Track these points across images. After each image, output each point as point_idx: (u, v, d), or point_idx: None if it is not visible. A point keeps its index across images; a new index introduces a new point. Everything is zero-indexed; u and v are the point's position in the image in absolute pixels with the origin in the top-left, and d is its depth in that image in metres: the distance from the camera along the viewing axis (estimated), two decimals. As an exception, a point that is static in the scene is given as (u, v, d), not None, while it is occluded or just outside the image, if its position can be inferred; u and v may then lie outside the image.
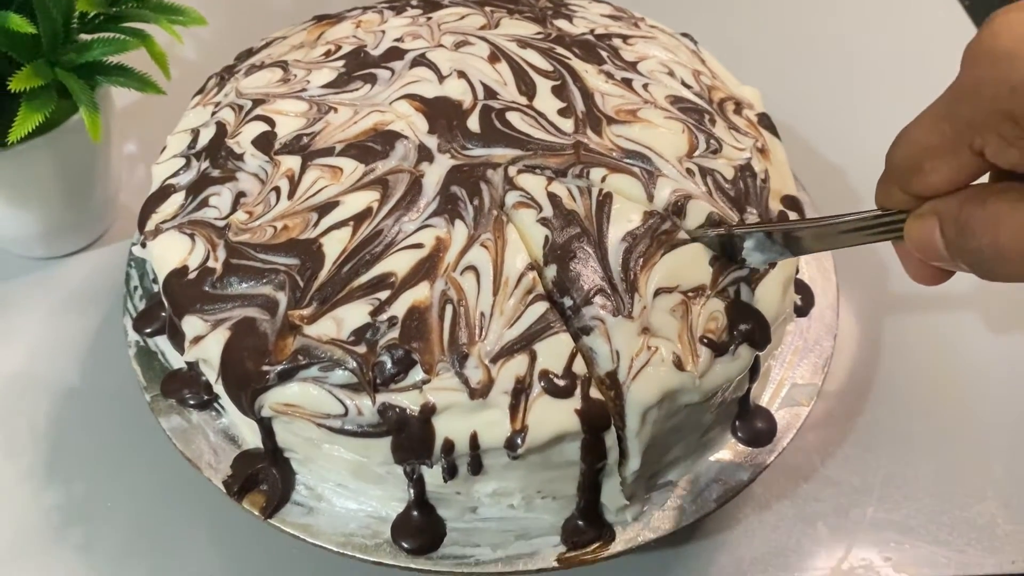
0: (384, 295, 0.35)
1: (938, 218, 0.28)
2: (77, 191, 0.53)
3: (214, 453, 0.40)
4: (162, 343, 0.43)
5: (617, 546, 0.38)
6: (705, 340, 0.36)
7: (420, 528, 0.38)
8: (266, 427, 0.37)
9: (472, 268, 0.36)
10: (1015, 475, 0.47)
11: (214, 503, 0.44)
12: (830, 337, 0.45)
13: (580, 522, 0.38)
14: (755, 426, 0.41)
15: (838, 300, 0.46)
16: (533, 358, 0.34)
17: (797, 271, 0.45)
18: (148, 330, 0.43)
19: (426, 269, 0.36)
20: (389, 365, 0.34)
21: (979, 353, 0.52)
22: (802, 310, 0.45)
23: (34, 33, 0.43)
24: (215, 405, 0.41)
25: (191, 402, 0.41)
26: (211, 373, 0.37)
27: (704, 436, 0.40)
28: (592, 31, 0.47)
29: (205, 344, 0.36)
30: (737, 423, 0.41)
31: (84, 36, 0.47)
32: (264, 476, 0.39)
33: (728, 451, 0.41)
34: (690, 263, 0.38)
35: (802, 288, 0.46)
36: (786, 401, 0.42)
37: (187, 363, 0.41)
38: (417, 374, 0.34)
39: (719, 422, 0.41)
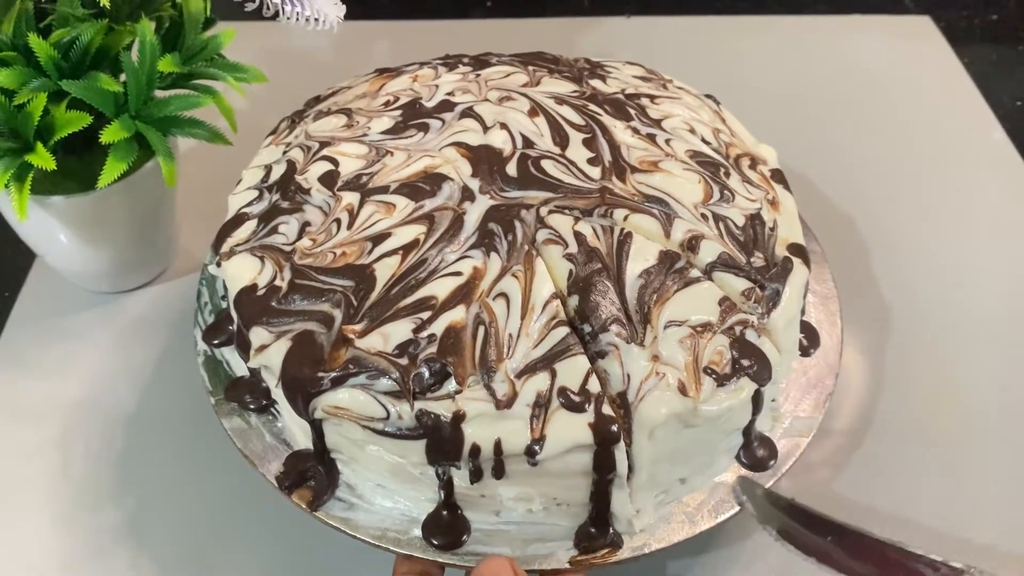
0: (426, 315, 0.40)
1: None
2: (145, 231, 0.58)
3: (269, 452, 0.45)
4: (227, 353, 0.49)
5: (624, 553, 0.41)
6: (709, 371, 0.41)
7: (448, 526, 0.42)
8: (317, 428, 0.42)
9: (503, 295, 0.41)
10: (1012, 499, 0.50)
11: (259, 512, 0.49)
12: (832, 376, 0.48)
13: (592, 529, 0.42)
14: (758, 453, 0.45)
15: (842, 342, 0.50)
16: (553, 376, 0.39)
17: (803, 312, 0.49)
18: (216, 341, 0.49)
19: (463, 294, 0.41)
20: (427, 376, 0.39)
21: (977, 387, 0.56)
22: (807, 350, 0.49)
23: (117, 91, 0.48)
24: (272, 410, 0.46)
25: (251, 406, 0.46)
26: (272, 379, 0.43)
27: (710, 459, 0.44)
28: (623, 91, 0.52)
29: (269, 352, 0.41)
30: (741, 450, 0.45)
31: (159, 92, 0.52)
32: (312, 474, 0.44)
33: (732, 474, 0.44)
34: (700, 301, 0.42)
35: (808, 330, 0.50)
36: (788, 432, 0.46)
37: (250, 371, 0.46)
38: (451, 385, 0.39)
39: (725, 447, 0.44)
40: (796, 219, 0.48)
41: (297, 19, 0.49)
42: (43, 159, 0.46)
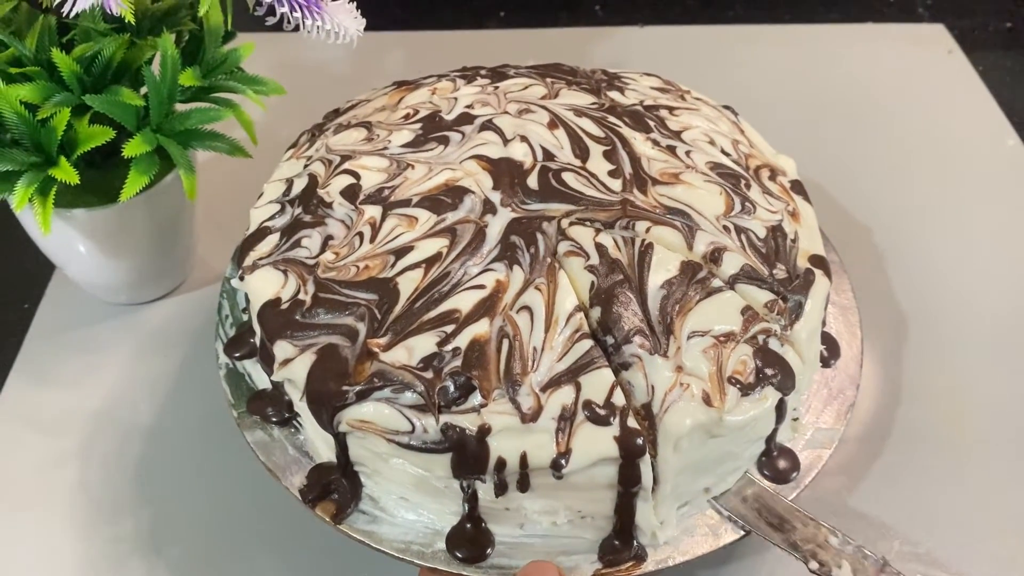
0: (450, 328, 0.40)
1: None
2: (164, 243, 0.58)
3: (291, 465, 0.45)
4: (249, 366, 0.49)
5: (648, 566, 0.41)
6: (733, 381, 0.41)
7: (472, 539, 0.42)
8: (341, 441, 0.42)
9: (527, 308, 0.41)
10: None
11: (279, 526, 0.49)
12: (853, 387, 0.48)
13: (616, 542, 0.42)
14: (779, 464, 0.45)
15: (862, 353, 0.50)
16: (578, 389, 0.39)
17: (824, 324, 0.49)
18: (237, 354, 0.49)
19: (487, 307, 0.41)
20: (452, 389, 0.39)
21: (994, 396, 0.55)
22: (828, 361, 0.49)
23: (139, 105, 0.49)
24: (294, 423, 0.46)
25: (273, 419, 0.46)
26: (295, 392, 0.43)
27: (733, 470, 0.44)
28: (641, 102, 0.53)
29: (293, 366, 0.41)
30: (763, 460, 0.45)
31: (179, 106, 0.52)
32: (335, 487, 0.44)
33: (755, 486, 0.44)
34: (723, 311, 0.42)
35: (829, 341, 0.50)
36: (810, 444, 0.46)
37: (272, 384, 0.46)
38: (476, 398, 0.39)
39: (747, 458, 0.44)
40: (816, 230, 0.48)
41: (318, 32, 0.49)
42: (66, 173, 0.47)
